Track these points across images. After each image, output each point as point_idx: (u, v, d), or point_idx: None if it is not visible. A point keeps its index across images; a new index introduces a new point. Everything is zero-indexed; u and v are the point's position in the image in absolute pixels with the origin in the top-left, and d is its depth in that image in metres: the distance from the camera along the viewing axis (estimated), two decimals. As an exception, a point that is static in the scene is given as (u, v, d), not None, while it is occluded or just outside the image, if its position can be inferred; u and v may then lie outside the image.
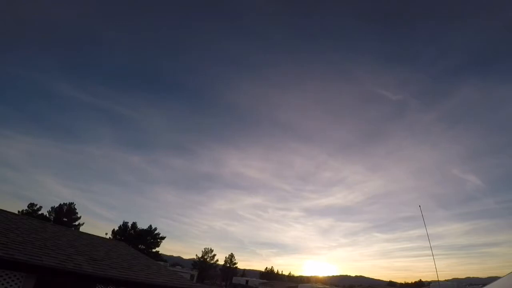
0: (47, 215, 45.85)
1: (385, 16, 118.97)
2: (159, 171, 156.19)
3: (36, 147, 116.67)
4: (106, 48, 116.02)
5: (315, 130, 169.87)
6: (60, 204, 48.30)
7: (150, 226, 53.50)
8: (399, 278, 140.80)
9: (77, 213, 48.88)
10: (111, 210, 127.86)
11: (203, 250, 67.48)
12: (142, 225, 53.51)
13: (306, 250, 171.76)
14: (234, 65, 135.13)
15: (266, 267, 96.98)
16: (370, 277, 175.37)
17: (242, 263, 79.10)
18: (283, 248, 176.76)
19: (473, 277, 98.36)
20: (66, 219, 46.57)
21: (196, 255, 68.57)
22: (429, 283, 65.35)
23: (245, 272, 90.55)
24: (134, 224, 52.70)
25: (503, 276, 4.32)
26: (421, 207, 14.70)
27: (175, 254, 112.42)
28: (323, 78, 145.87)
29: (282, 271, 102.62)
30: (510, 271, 3.99)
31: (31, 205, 45.24)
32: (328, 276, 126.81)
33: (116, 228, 51.80)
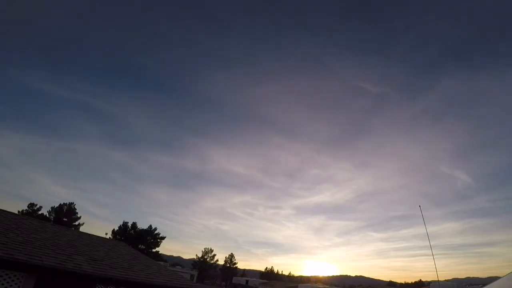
0: (47, 215, 45.87)
1: (360, 7, 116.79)
2: (147, 168, 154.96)
3: (27, 144, 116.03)
4: (84, 45, 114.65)
5: (297, 125, 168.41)
6: (60, 204, 48.35)
7: (150, 226, 53.56)
8: (397, 278, 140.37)
9: (77, 213, 48.92)
10: (103, 208, 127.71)
11: (203, 250, 67.56)
12: (134, 222, 53.46)
13: (301, 249, 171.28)
14: (209, 59, 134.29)
15: (266, 267, 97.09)
16: (370, 277, 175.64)
17: (240, 263, 78.71)
18: (278, 248, 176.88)
19: (473, 277, 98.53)
20: (66, 219, 46.58)
21: (196, 255, 68.67)
22: (429, 283, 65.34)
23: (245, 272, 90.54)
24: (134, 224, 52.72)
25: (503, 276, 4.32)
26: (421, 207, 14.72)
27: (174, 254, 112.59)
28: (301, 71, 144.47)
29: (282, 271, 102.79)
30: (510, 271, 3.98)
31: (31, 205, 45.24)
32: (328, 276, 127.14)
33: (116, 228, 51.86)
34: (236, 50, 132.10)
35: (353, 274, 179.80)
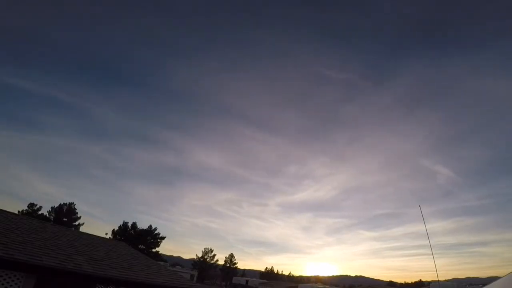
0: (47, 215, 45.89)
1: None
2: (128, 164, 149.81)
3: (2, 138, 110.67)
4: (51, 40, 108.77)
5: (270, 117, 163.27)
6: (60, 204, 48.38)
7: (150, 226, 53.54)
8: (396, 278, 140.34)
9: (77, 213, 48.94)
10: (89, 206, 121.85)
11: (203, 250, 67.57)
12: (134, 222, 53.36)
13: (294, 248, 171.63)
14: (167, 49, 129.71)
15: (266, 267, 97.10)
16: (370, 277, 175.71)
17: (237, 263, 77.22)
18: (271, 247, 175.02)
19: (473, 277, 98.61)
20: (66, 219, 46.61)
21: (196, 255, 68.69)
22: (429, 283, 65.36)
23: (245, 272, 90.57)
24: (134, 224, 52.74)
25: (503, 276, 4.32)
26: (421, 207, 14.74)
27: (175, 254, 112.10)
28: (265, 61, 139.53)
29: (282, 271, 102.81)
30: (510, 271, 3.99)
31: (31, 205, 45.26)
32: (328, 276, 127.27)
33: (116, 228, 51.89)
34: (195, 41, 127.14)
35: (353, 274, 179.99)
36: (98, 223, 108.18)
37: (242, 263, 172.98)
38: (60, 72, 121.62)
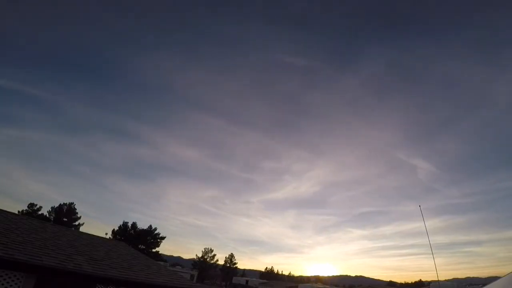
0: (47, 215, 45.91)
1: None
2: (106, 158, 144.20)
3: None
4: (18, 34, 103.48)
5: (236, 109, 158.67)
6: (60, 204, 48.42)
7: (150, 226, 53.56)
8: (393, 277, 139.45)
9: (77, 213, 48.96)
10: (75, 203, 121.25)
11: (203, 250, 67.59)
12: (134, 222, 53.40)
13: (286, 247, 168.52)
14: (121, 40, 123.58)
15: (266, 267, 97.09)
16: (370, 277, 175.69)
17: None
18: (263, 246, 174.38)
19: (473, 277, 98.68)
20: (66, 219, 46.62)
21: (196, 255, 68.72)
22: (429, 283, 65.35)
23: (245, 272, 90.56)
24: (134, 224, 52.76)
25: (503, 276, 4.32)
26: (421, 207, 14.73)
27: (175, 254, 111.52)
28: (221, 50, 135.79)
29: (282, 271, 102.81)
30: (510, 272, 3.99)
31: (31, 205, 45.29)
32: (329, 276, 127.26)
33: (116, 228, 51.90)
34: (157, 36, 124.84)
35: (353, 274, 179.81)
36: (97, 223, 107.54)
37: (239, 263, 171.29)
38: (27, 67, 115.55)
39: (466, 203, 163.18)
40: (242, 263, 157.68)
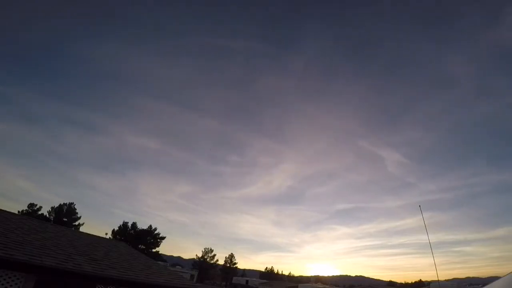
0: (47, 215, 45.92)
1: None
2: (69, 149, 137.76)
3: None
4: None
5: (186, 95, 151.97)
6: (60, 204, 48.46)
7: (150, 226, 53.61)
8: (392, 277, 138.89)
9: (77, 213, 48.99)
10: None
11: (203, 250, 67.62)
12: (134, 222, 53.35)
13: (275, 246, 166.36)
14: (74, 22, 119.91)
15: (266, 267, 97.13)
16: (370, 276, 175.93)
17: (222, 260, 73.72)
18: (250, 244, 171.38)
19: (473, 277, 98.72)
20: (66, 219, 46.64)
21: (196, 255, 68.77)
22: (429, 283, 65.38)
23: (245, 272, 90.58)
24: (134, 224, 52.80)
25: (503, 276, 4.32)
26: (421, 207, 14.72)
27: (175, 254, 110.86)
28: (159, 38, 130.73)
29: (282, 271, 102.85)
30: (510, 271, 3.99)
31: (31, 205, 45.32)
32: (329, 276, 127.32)
33: (116, 228, 51.90)
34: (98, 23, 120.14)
35: (353, 274, 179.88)
36: (96, 223, 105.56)
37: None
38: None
39: (443, 199, 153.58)
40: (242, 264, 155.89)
